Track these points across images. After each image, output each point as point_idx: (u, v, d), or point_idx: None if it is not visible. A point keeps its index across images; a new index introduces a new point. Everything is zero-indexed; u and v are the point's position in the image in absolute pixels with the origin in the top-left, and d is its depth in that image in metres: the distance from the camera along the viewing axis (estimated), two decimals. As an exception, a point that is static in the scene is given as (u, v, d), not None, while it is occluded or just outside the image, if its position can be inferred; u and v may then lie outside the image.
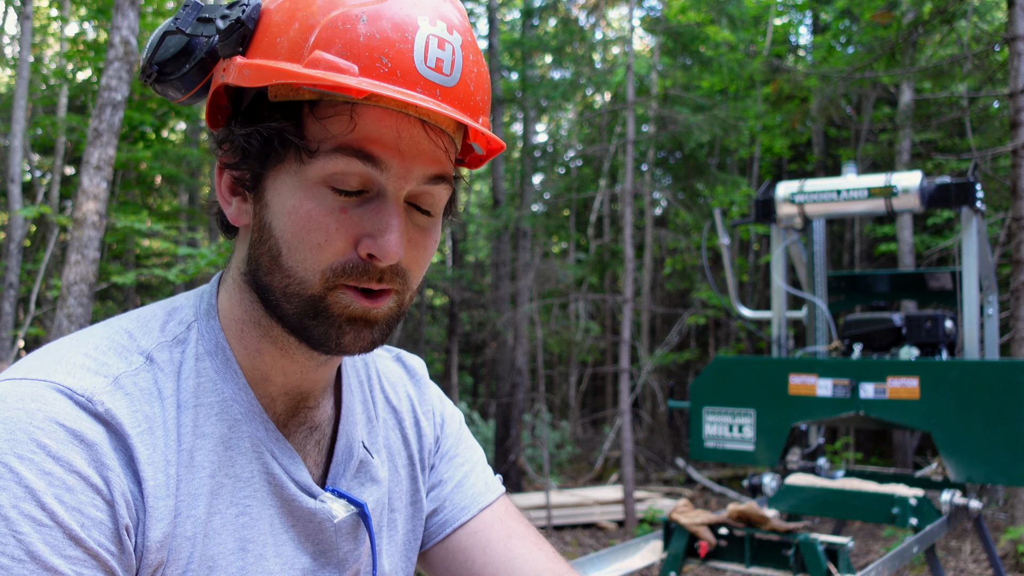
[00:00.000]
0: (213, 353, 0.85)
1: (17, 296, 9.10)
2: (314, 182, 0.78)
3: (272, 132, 0.78)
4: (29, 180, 11.41)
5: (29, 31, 8.90)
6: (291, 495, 0.85)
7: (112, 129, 5.14)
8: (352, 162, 0.77)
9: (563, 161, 14.51)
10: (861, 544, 7.34)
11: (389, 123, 0.77)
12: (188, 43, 0.82)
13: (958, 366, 3.35)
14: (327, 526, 0.88)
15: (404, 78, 0.76)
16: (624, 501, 8.49)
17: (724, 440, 3.72)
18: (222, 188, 0.85)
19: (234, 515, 0.82)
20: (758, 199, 4.13)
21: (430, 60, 0.77)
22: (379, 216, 0.78)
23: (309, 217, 0.78)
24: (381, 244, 0.78)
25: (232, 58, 0.79)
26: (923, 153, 9.97)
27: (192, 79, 0.83)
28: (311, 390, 0.91)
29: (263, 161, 0.80)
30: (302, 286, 0.79)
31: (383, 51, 0.75)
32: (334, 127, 0.77)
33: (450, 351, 14.94)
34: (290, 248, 0.79)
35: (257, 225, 0.82)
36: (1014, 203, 5.83)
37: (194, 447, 0.80)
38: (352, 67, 0.74)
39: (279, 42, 0.77)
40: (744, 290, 12.77)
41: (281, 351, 0.85)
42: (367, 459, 0.95)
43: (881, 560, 2.72)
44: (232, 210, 0.85)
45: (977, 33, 7.59)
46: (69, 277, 5.04)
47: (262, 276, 0.82)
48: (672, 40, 11.43)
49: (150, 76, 0.83)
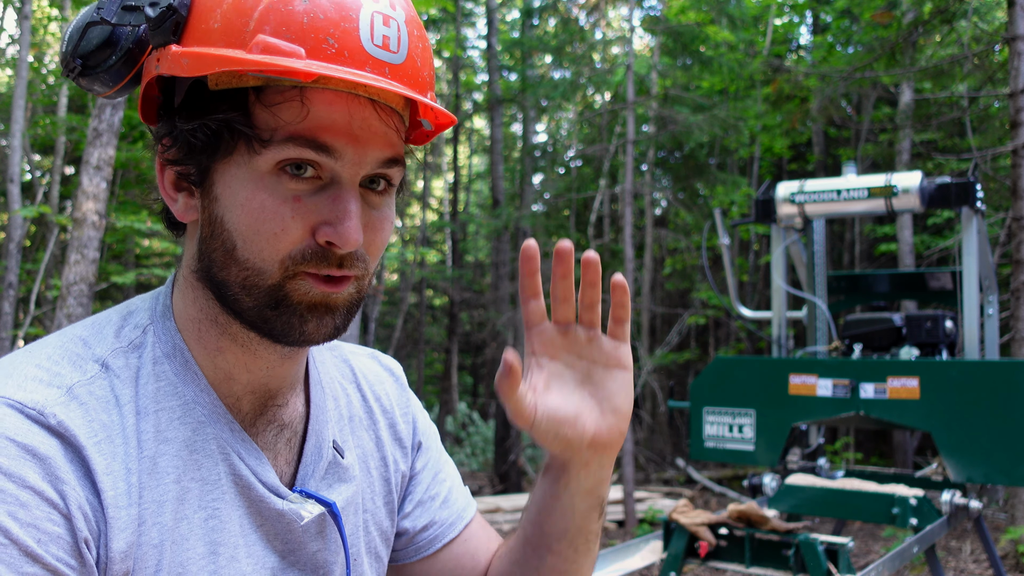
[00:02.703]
0: (171, 356, 0.82)
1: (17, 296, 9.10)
2: (265, 172, 0.75)
3: (220, 124, 0.75)
4: (29, 180, 11.41)
5: (28, 31, 8.90)
6: (259, 496, 0.83)
7: (112, 129, 5.14)
8: (305, 151, 0.74)
9: (563, 161, 14.51)
10: (861, 544, 7.34)
11: (340, 107, 0.75)
12: (112, 33, 0.78)
13: (958, 366, 3.35)
14: (295, 527, 0.86)
15: (352, 58, 0.73)
16: (624, 501, 8.49)
17: (724, 440, 3.72)
18: (166, 185, 0.82)
19: (202, 519, 0.80)
20: (758, 199, 4.13)
21: (376, 38, 0.75)
22: (336, 203, 0.76)
23: (263, 208, 0.75)
24: (340, 232, 0.75)
25: (166, 47, 0.75)
26: (923, 153, 9.97)
27: (119, 72, 0.79)
28: (278, 387, 0.88)
29: (210, 154, 0.77)
30: (261, 277, 0.77)
31: (328, 31, 0.73)
32: (285, 114, 0.74)
33: (450, 351, 14.93)
34: (245, 240, 0.76)
35: (207, 220, 0.79)
36: (1014, 203, 5.83)
37: (157, 453, 0.78)
38: (298, 50, 0.72)
39: (215, 28, 0.74)
40: (744, 290, 12.77)
41: (243, 348, 0.83)
42: (336, 459, 0.93)
43: (881, 560, 2.72)
44: (179, 207, 0.81)
45: (977, 33, 7.59)
46: (69, 277, 5.04)
47: (217, 272, 0.79)
48: (672, 40, 11.43)
49: (73, 70, 0.79)
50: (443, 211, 18.43)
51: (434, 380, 17.20)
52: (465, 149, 19.52)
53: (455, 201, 16.90)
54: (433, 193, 18.53)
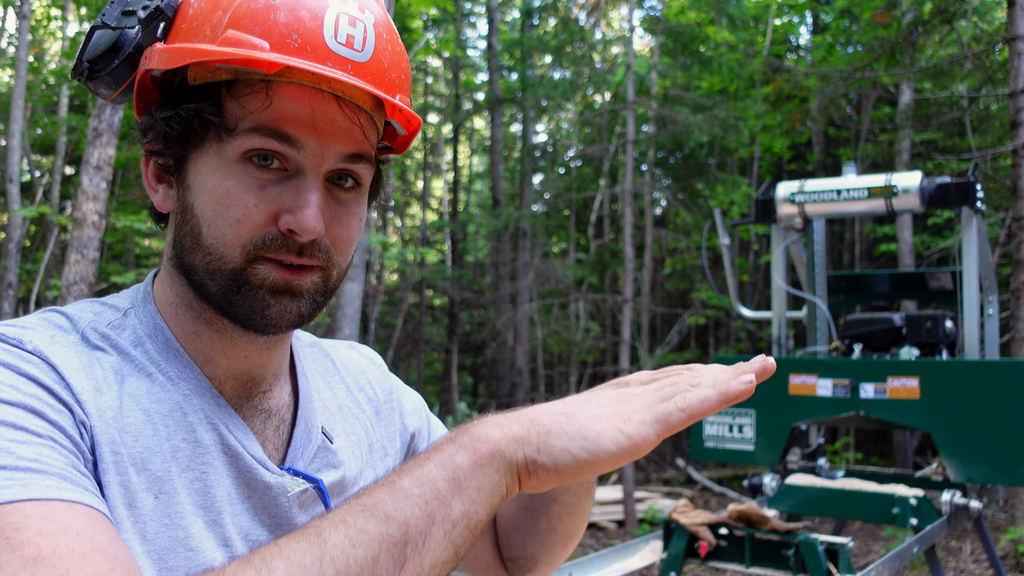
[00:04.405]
0: (152, 335, 0.84)
1: (17, 296, 9.10)
2: (232, 160, 0.79)
3: (191, 113, 0.79)
4: (29, 180, 11.41)
5: (27, 31, 8.90)
6: (247, 466, 0.84)
7: (112, 129, 5.14)
8: (268, 141, 0.78)
9: (563, 161, 14.50)
10: (861, 544, 7.34)
11: (303, 100, 0.79)
12: (118, 38, 0.82)
13: (958, 366, 3.35)
14: (282, 500, 0.87)
15: (314, 53, 0.77)
16: (624, 501, 8.49)
17: (724, 440, 3.72)
18: (149, 177, 0.86)
19: (189, 480, 0.79)
20: (758, 199, 4.13)
21: (340, 36, 0.79)
22: (298, 193, 0.79)
23: (228, 194, 0.79)
24: (299, 219, 0.78)
25: (152, 46, 0.81)
26: (923, 153, 9.97)
27: (122, 74, 0.83)
28: (261, 376, 0.90)
29: (184, 144, 0.81)
30: (223, 261, 0.80)
31: (294, 27, 0.77)
32: (250, 104, 0.78)
33: (450, 351, 14.93)
34: (210, 225, 0.80)
35: (180, 208, 0.83)
36: (1014, 203, 5.83)
37: (150, 410, 0.79)
38: (263, 43, 0.76)
39: (193, 26, 0.79)
40: (744, 290, 12.76)
41: (218, 334, 0.85)
42: (326, 444, 0.94)
43: (881, 560, 2.72)
44: (159, 197, 0.86)
45: (977, 33, 7.59)
46: (69, 277, 5.04)
47: (186, 257, 0.82)
48: (672, 40, 11.43)
49: (82, 74, 0.84)
50: (443, 211, 18.43)
51: (434, 380, 17.19)
52: (465, 149, 19.53)
53: (455, 201, 16.91)
54: (433, 193, 18.53)
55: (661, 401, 0.71)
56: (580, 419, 0.69)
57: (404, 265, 14.74)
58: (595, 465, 0.67)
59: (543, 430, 0.69)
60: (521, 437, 0.69)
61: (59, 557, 0.60)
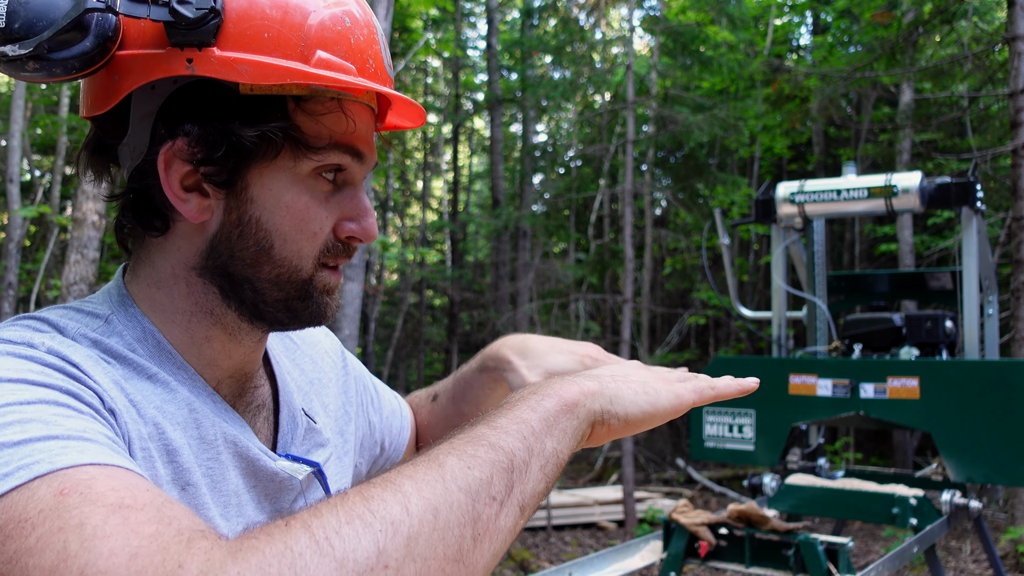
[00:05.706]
0: (142, 340, 0.82)
1: (17, 296, 9.10)
2: (306, 175, 0.82)
3: (275, 131, 0.78)
4: (29, 180, 11.41)
5: (29, 31, 8.90)
6: (254, 456, 0.86)
7: (112, 129, 5.13)
8: (345, 157, 0.83)
9: (563, 161, 14.51)
10: (861, 544, 7.34)
11: (365, 118, 0.85)
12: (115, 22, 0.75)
13: (958, 366, 3.35)
14: (286, 486, 0.89)
15: (379, 76, 0.84)
16: (624, 501, 8.49)
17: (724, 440, 3.72)
18: (172, 185, 0.79)
19: (202, 474, 0.81)
20: (758, 199, 4.13)
21: (387, 58, 0.87)
22: (355, 202, 0.86)
23: (307, 208, 0.82)
24: (365, 227, 0.86)
25: (203, 49, 0.74)
26: (923, 153, 9.97)
27: (92, 60, 0.75)
28: (252, 370, 0.92)
29: (248, 157, 0.79)
30: (297, 272, 0.83)
31: (368, 52, 0.83)
32: (332, 124, 0.81)
33: (450, 351, 14.92)
34: (285, 239, 0.82)
35: (235, 220, 0.80)
36: (1014, 203, 5.84)
37: (162, 408, 0.79)
38: (352, 67, 0.80)
39: (265, 38, 0.76)
40: (744, 290, 12.76)
41: (230, 336, 0.86)
42: (311, 425, 0.98)
43: (881, 560, 2.72)
44: (190, 207, 0.80)
45: (977, 33, 7.59)
46: (69, 277, 5.04)
47: (242, 268, 0.82)
48: (672, 40, 11.42)
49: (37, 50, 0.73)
50: (443, 211, 18.42)
51: (434, 380, 17.18)
52: (465, 149, 19.52)
53: (455, 201, 16.91)
54: (433, 193, 18.52)
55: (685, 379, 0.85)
56: (638, 380, 0.82)
57: (404, 265, 14.74)
58: (655, 418, 0.80)
59: (613, 386, 0.80)
60: (596, 391, 0.78)
61: (143, 504, 0.60)
